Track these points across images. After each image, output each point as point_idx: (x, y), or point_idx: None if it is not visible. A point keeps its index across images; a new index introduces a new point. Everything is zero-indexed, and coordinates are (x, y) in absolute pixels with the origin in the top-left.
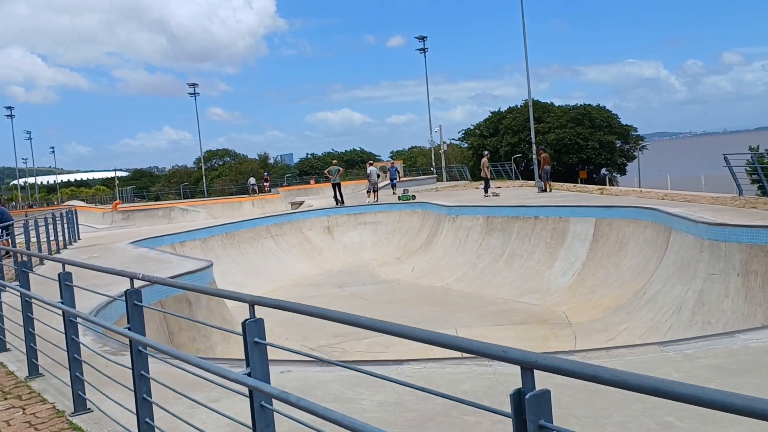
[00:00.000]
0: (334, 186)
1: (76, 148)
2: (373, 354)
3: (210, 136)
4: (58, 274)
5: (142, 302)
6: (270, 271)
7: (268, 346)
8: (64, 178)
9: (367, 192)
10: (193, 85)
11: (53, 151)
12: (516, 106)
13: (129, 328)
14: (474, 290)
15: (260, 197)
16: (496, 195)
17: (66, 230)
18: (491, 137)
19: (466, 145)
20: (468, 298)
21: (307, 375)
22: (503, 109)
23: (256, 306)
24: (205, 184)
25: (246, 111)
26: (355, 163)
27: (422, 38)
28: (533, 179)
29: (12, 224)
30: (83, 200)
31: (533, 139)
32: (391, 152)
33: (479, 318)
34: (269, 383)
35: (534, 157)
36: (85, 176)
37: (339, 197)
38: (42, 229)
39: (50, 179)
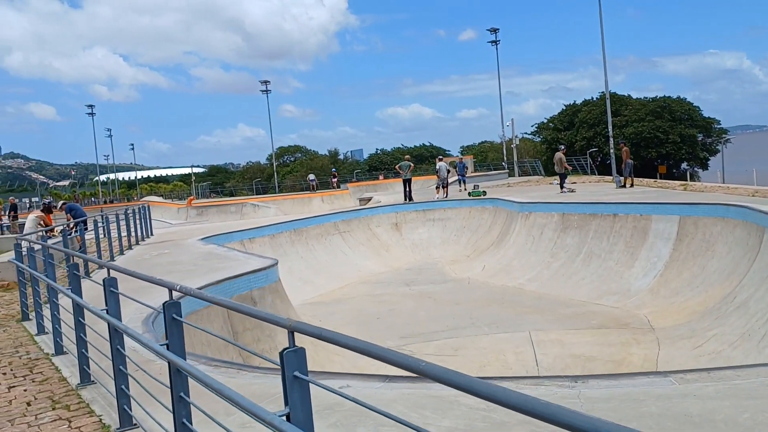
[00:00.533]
0: (404, 182)
1: (156, 145)
2: (442, 359)
3: (282, 132)
4: (103, 280)
5: (181, 316)
6: (337, 267)
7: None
8: (144, 174)
9: (437, 188)
10: (265, 82)
11: (133, 148)
12: (592, 98)
13: (167, 345)
14: (548, 291)
15: (329, 193)
16: (572, 191)
17: (139, 226)
18: (566, 131)
19: (539, 139)
20: (542, 300)
21: (367, 392)
22: (578, 101)
23: (296, 332)
24: (277, 180)
25: (317, 107)
26: (424, 158)
27: (494, 30)
28: (610, 174)
29: (85, 220)
30: (161, 196)
31: (610, 133)
32: (461, 147)
33: (554, 321)
34: (312, 429)
35: (611, 151)
36: (163, 172)
37: (408, 193)
38: (114, 225)
39: (131, 175)
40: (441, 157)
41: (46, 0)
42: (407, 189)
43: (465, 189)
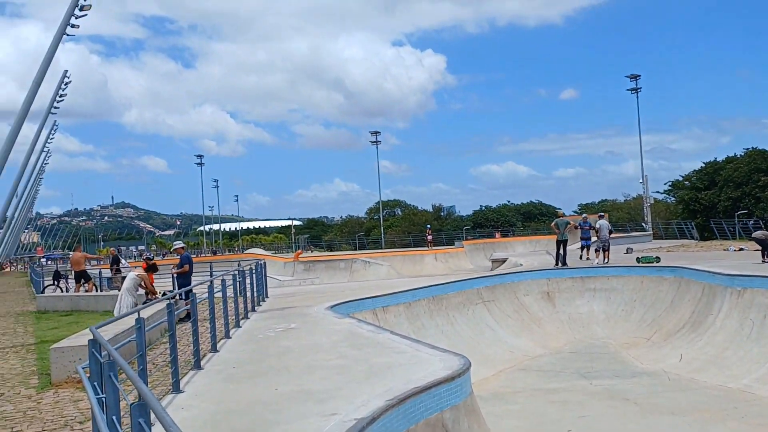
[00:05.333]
0: (558, 242)
1: (256, 198)
2: None
3: (377, 187)
4: None
5: None
6: (485, 347)
7: None
8: (244, 225)
9: (595, 251)
10: (376, 133)
11: (237, 200)
12: (735, 155)
13: None
14: None
15: (443, 250)
16: None
17: (254, 287)
18: (706, 190)
19: (672, 199)
20: None
21: None
22: (720, 158)
23: None
24: (383, 235)
25: (412, 163)
26: (533, 216)
27: (634, 77)
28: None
29: (191, 289)
30: (262, 247)
31: None
32: (578, 205)
33: None
34: None
35: None
36: (262, 224)
37: (562, 257)
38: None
39: (232, 226)
40: (602, 214)
41: (162, 61)
42: (561, 251)
43: (588, 256)
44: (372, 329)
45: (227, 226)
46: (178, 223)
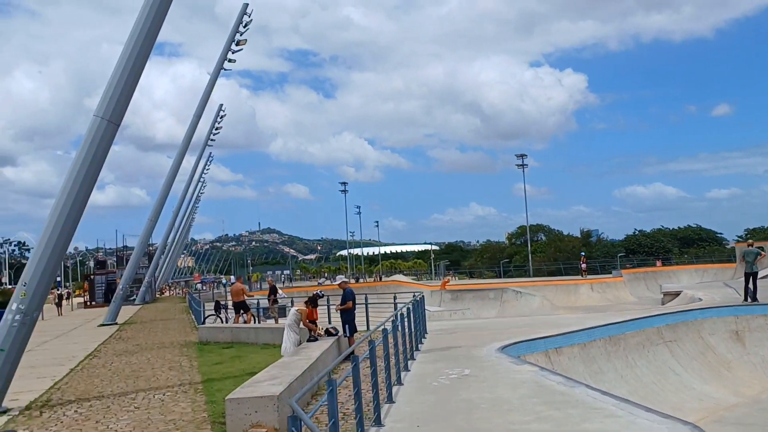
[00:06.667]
0: (748, 275)
1: (392, 223)
2: None
3: (514, 211)
4: None
5: None
6: (671, 394)
7: None
8: (382, 250)
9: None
10: (522, 156)
11: (377, 225)
12: None
13: None
14: None
15: (599, 280)
16: None
17: (413, 326)
18: None
19: None
20: None
21: None
22: None
23: None
24: (531, 262)
25: (551, 186)
26: (692, 241)
27: None
28: None
29: (355, 328)
30: (402, 273)
31: None
32: (745, 230)
33: None
34: None
35: None
36: (399, 248)
37: (753, 291)
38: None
39: (370, 250)
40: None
41: (305, 92)
42: (750, 285)
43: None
44: (562, 381)
45: (365, 251)
46: (319, 248)
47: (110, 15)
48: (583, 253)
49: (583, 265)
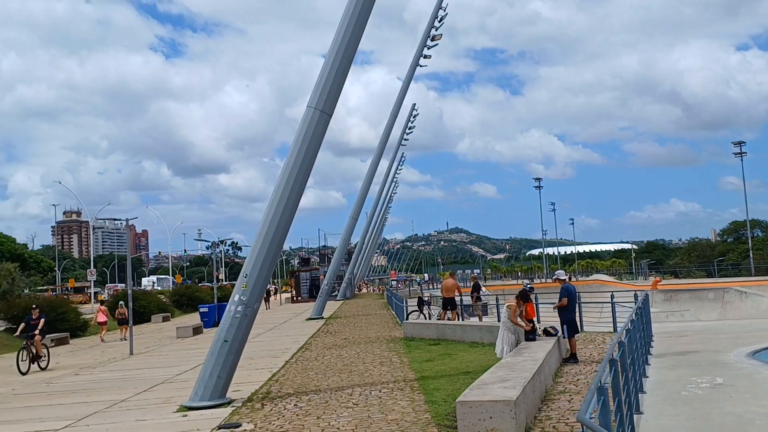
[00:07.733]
0: None
1: (585, 221)
2: None
3: (720, 207)
4: None
5: None
6: None
7: None
8: (574, 249)
9: None
10: (740, 143)
11: (572, 223)
12: None
13: None
14: None
15: None
16: None
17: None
18: None
19: None
20: None
21: None
22: None
23: None
24: (752, 260)
25: (766, 178)
26: None
27: None
28: None
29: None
30: (598, 271)
31: None
32: None
33: None
34: None
35: None
36: (592, 248)
37: None
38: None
39: (562, 250)
40: None
41: (492, 90)
42: None
43: None
44: None
45: (555, 250)
46: (508, 247)
47: (308, 28)
48: None
49: None
